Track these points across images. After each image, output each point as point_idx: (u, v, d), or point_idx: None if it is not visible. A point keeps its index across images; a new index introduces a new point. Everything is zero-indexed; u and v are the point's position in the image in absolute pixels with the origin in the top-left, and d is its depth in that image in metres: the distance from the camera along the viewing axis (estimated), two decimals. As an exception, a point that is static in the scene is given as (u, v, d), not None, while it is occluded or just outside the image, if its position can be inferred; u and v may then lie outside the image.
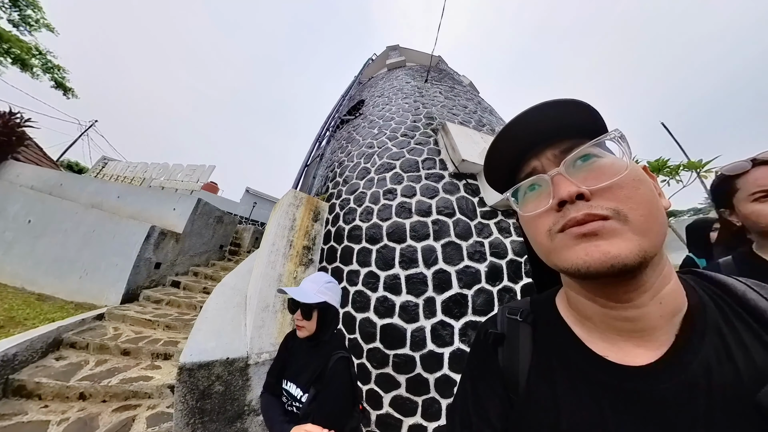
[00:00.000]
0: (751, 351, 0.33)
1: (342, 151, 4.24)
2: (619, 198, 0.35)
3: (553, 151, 0.41)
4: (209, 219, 6.52)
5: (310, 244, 3.00)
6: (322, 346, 1.21)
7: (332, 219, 3.28)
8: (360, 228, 3.01)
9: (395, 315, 2.47)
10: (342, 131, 5.16)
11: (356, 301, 2.65)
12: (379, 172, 3.31)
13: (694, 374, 0.33)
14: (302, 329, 1.19)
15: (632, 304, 0.36)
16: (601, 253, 0.32)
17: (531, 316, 0.50)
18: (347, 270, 2.85)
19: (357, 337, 2.50)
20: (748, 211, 0.89)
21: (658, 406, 0.33)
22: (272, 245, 2.76)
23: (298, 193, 3.12)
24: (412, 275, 2.61)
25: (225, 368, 1.98)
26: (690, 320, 0.36)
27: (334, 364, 1.11)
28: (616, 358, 0.38)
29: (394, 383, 2.28)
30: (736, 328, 0.35)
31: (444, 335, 2.33)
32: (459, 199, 2.99)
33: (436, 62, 6.80)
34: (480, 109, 5.01)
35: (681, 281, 0.39)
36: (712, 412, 0.31)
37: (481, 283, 2.57)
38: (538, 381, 0.43)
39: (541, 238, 0.39)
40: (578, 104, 0.39)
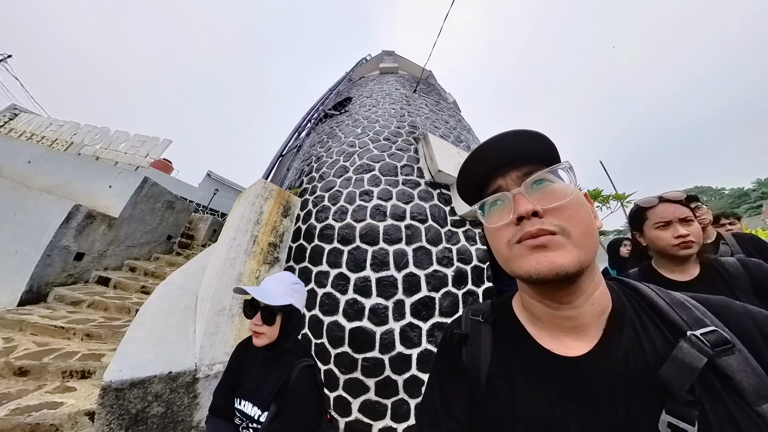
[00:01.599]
0: (654, 339, 0.40)
1: (322, 146, 3.91)
2: (565, 217, 0.40)
3: (516, 173, 0.45)
4: (157, 203, 5.18)
5: (277, 241, 2.65)
6: (282, 355, 1.03)
7: (304, 215, 2.96)
8: (332, 227, 2.76)
9: (365, 318, 2.30)
10: (324, 125, 4.81)
11: (324, 303, 2.40)
12: (358, 172, 3.10)
13: (616, 360, 0.39)
14: (261, 336, 0.99)
15: (571, 306, 0.42)
16: (548, 262, 0.37)
17: (491, 317, 0.53)
18: (316, 271, 2.59)
19: (324, 342, 2.26)
20: (651, 235, 1.10)
21: (591, 388, 0.39)
22: (233, 240, 2.37)
23: (268, 184, 2.74)
24: (383, 278, 2.47)
25: (166, 385, 1.58)
26: (613, 317, 0.43)
27: (299, 374, 0.95)
28: (560, 350, 0.43)
29: (363, 388, 2.10)
30: (644, 323, 0.42)
31: (412, 337, 2.26)
32: (432, 206, 2.94)
33: (427, 76, 6.68)
34: (460, 126, 5.07)
35: (607, 286, 0.45)
36: (629, 388, 0.37)
37: (448, 286, 2.55)
38: (497, 376, 0.46)
39: (502, 248, 0.43)
40: (540, 136, 0.44)
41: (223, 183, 15.15)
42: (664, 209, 1.08)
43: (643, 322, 0.42)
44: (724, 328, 0.37)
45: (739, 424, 0.31)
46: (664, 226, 1.07)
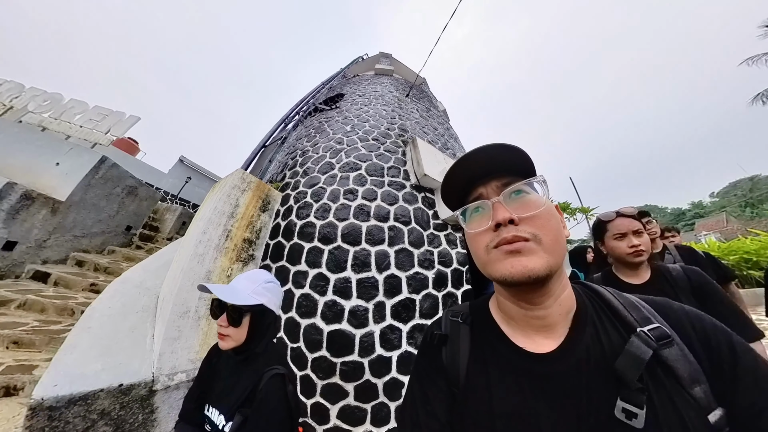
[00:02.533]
0: (611, 336, 0.43)
1: (308, 140, 3.67)
2: (537, 226, 0.42)
3: (496, 182, 0.48)
4: (116, 187, 4.42)
5: (253, 238, 2.42)
6: (253, 360, 0.93)
7: (284, 211, 2.75)
8: (314, 225, 2.60)
9: (344, 320, 2.18)
10: (313, 119, 4.52)
11: (302, 305, 2.24)
12: (344, 170, 2.94)
13: (579, 355, 0.42)
14: (226, 339, 0.90)
15: (542, 306, 0.45)
16: (522, 266, 0.40)
17: (470, 318, 0.55)
18: (294, 270, 2.41)
19: (301, 346, 2.09)
20: (610, 245, 1.26)
21: (558, 381, 0.41)
22: (203, 233, 2.12)
23: (247, 175, 2.50)
24: (364, 279, 2.37)
25: (116, 399, 1.33)
26: (577, 317, 0.46)
27: (267, 383, 0.85)
28: (531, 348, 0.45)
29: (342, 393, 1.98)
30: (603, 321, 0.46)
31: (392, 339, 2.18)
32: (416, 209, 2.88)
33: (420, 82, 6.63)
34: (447, 134, 5.06)
35: (572, 288, 0.49)
36: (590, 379, 0.40)
37: (429, 288, 2.51)
38: (475, 374, 0.48)
39: (480, 252, 0.45)
40: (519, 150, 0.47)
41: (196, 171, 13.23)
42: (621, 223, 1.25)
43: (602, 321, 0.45)
44: (665, 325, 0.42)
45: (677, 405, 0.36)
46: (621, 237, 1.23)
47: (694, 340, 0.40)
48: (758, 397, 0.35)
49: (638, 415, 0.35)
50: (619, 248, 1.22)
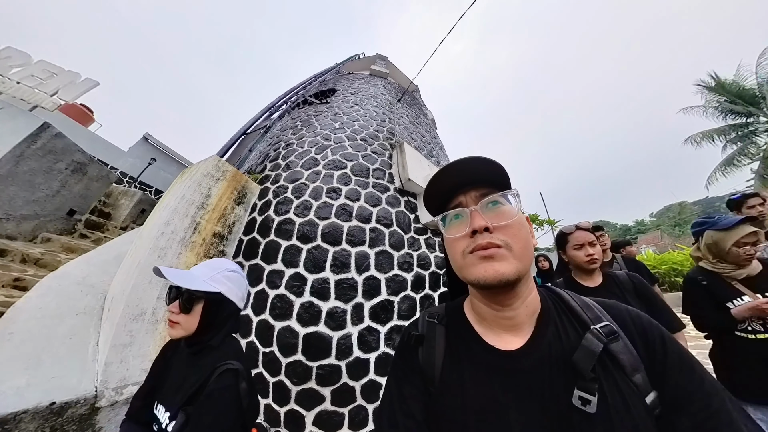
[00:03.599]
0: (569, 333, 0.47)
1: (294, 133, 3.41)
2: (509, 234, 0.46)
3: (475, 192, 0.51)
4: (59, 162, 3.58)
5: (224, 232, 2.17)
6: (206, 354, 0.84)
7: (261, 206, 2.52)
8: (293, 222, 2.42)
9: (321, 322, 2.05)
10: (301, 111, 4.23)
11: (276, 307, 2.06)
12: (329, 167, 2.78)
13: (542, 352, 0.45)
14: (175, 326, 0.82)
15: (510, 307, 0.48)
16: (494, 271, 0.44)
17: (445, 319, 0.57)
18: (269, 269, 2.21)
19: (274, 351, 1.92)
20: (571, 254, 1.42)
21: (524, 375, 0.44)
22: (166, 224, 1.84)
23: (223, 163, 2.23)
24: (343, 280, 2.26)
25: (45, 422, 1.07)
26: (541, 317, 0.49)
27: (217, 380, 0.75)
28: (501, 345, 0.48)
29: (318, 398, 1.85)
30: (563, 320, 0.49)
31: (371, 341, 2.11)
32: (398, 212, 2.83)
33: (413, 89, 6.54)
34: (434, 142, 5.06)
35: (537, 291, 0.52)
36: (552, 372, 0.44)
37: (407, 290, 2.48)
38: (450, 372, 0.49)
39: (457, 257, 0.48)
40: (498, 165, 0.51)
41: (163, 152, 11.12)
42: (579, 235, 1.43)
43: (562, 320, 0.49)
44: (613, 322, 0.47)
45: (622, 391, 0.40)
46: (579, 248, 1.41)
47: (635, 334, 0.46)
48: (681, 378, 0.41)
49: (591, 401, 0.39)
50: (578, 257, 1.40)
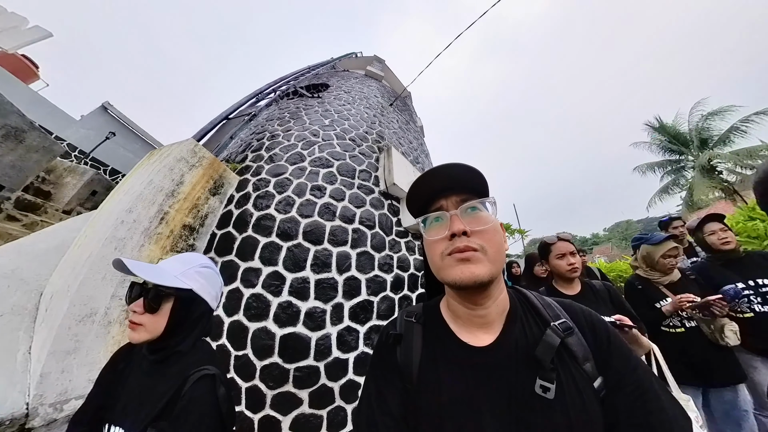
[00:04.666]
0: (533, 329, 0.51)
1: (281, 124, 3.16)
2: (485, 239, 0.48)
3: (456, 197, 0.53)
4: None
5: (196, 224, 1.93)
6: (176, 360, 0.72)
7: (239, 198, 2.31)
8: (273, 218, 2.25)
9: (299, 323, 1.93)
10: (290, 102, 3.96)
11: (252, 307, 1.89)
12: (315, 164, 2.64)
13: (510, 347, 0.49)
14: (137, 328, 0.69)
15: (483, 307, 0.51)
16: (470, 272, 0.46)
17: (423, 318, 0.58)
18: (245, 267, 2.03)
19: (248, 354, 1.74)
20: (554, 263, 1.48)
21: (494, 369, 0.47)
22: (128, 212, 1.59)
23: (200, 148, 1.99)
24: (323, 280, 2.15)
25: None
26: (510, 315, 0.53)
27: (193, 387, 0.65)
28: (473, 342, 0.51)
29: (295, 401, 1.72)
30: (528, 318, 0.53)
31: (350, 341, 2.03)
32: (381, 215, 2.80)
33: (406, 95, 6.54)
34: (421, 149, 5.08)
35: (507, 292, 0.55)
36: (518, 365, 0.47)
37: (386, 291, 2.44)
38: (427, 369, 0.51)
39: (436, 258, 0.50)
40: (479, 173, 0.53)
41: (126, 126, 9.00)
42: (562, 245, 1.49)
43: (527, 318, 0.53)
44: (569, 319, 0.51)
45: (575, 378, 0.45)
46: (561, 257, 1.46)
47: (586, 330, 0.51)
48: (620, 365, 0.47)
49: (550, 389, 0.43)
50: (560, 266, 1.46)
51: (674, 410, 0.42)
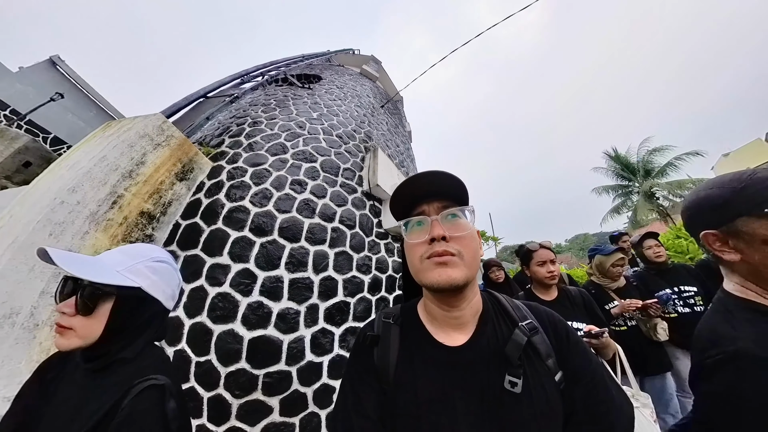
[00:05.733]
0: (503, 329, 0.54)
1: (265, 111, 2.91)
2: (462, 244, 0.50)
3: (437, 203, 0.54)
4: None
5: (156, 212, 1.69)
6: (115, 369, 0.59)
7: (210, 186, 2.08)
8: (247, 211, 2.07)
9: (271, 325, 1.79)
10: (278, 89, 3.68)
11: (217, 307, 1.70)
12: (297, 157, 2.48)
13: (482, 346, 0.51)
14: (66, 333, 0.56)
15: (458, 308, 0.53)
16: (447, 276, 0.47)
17: (400, 319, 0.59)
18: (211, 263, 1.83)
19: (211, 360, 1.56)
20: (534, 269, 1.54)
21: (467, 367, 0.49)
22: (70, 192, 1.34)
23: (168, 125, 1.74)
24: (299, 279, 2.03)
25: None
26: (482, 316, 0.55)
27: (134, 401, 0.53)
28: (448, 342, 0.53)
29: (265, 410, 1.59)
30: (498, 319, 0.56)
31: (324, 343, 1.93)
32: (362, 215, 2.73)
33: (398, 99, 6.50)
34: (407, 153, 5.04)
35: (480, 294, 0.58)
36: (489, 362, 0.49)
37: (364, 292, 2.39)
38: (403, 369, 0.52)
39: (416, 261, 0.51)
40: (461, 182, 0.55)
41: (79, 88, 7.28)
42: (543, 253, 1.54)
43: (498, 319, 0.56)
44: (534, 320, 0.55)
45: (539, 373, 0.48)
46: (542, 264, 1.52)
47: (549, 329, 0.54)
48: (578, 360, 0.51)
49: (517, 383, 0.46)
50: (540, 272, 1.51)
51: (620, 398, 0.49)
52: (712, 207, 0.61)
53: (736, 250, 0.59)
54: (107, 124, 1.72)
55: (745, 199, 0.56)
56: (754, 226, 0.55)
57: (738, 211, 0.57)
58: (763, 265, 0.55)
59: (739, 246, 0.58)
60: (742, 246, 0.58)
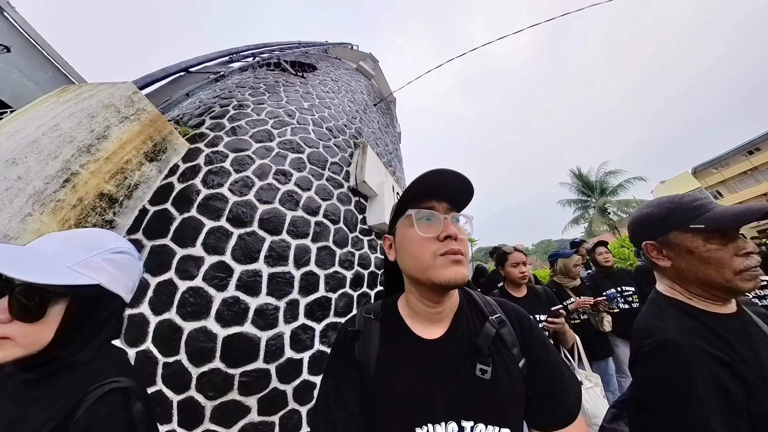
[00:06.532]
0: (475, 323, 0.58)
1: (253, 94, 2.65)
2: (464, 246, 0.53)
3: (447, 204, 0.57)
4: None
5: (119, 195, 1.47)
6: (65, 375, 0.50)
7: (185, 170, 1.87)
8: (225, 200, 1.92)
9: (248, 321, 1.69)
10: (269, 73, 3.41)
11: (188, 303, 1.55)
12: (284, 147, 2.33)
13: (456, 338, 0.55)
14: (4, 344, 0.45)
15: (441, 304, 0.56)
16: (462, 274, 0.50)
17: (381, 314, 0.61)
18: (182, 254, 1.65)
19: (181, 360, 1.42)
20: (508, 270, 1.71)
21: (443, 358, 0.53)
22: (9, 164, 1.13)
23: (140, 97, 1.52)
24: (278, 274, 1.94)
25: None
26: (458, 311, 0.59)
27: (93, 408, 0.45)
28: (426, 335, 0.56)
29: (242, 410, 1.49)
30: (472, 313, 0.60)
31: (304, 339, 1.87)
32: (347, 211, 2.68)
33: (391, 99, 6.51)
34: (395, 154, 5.02)
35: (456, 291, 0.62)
36: (462, 353, 0.53)
37: (345, 288, 2.35)
38: (383, 362, 0.54)
39: (425, 257, 0.51)
40: (472, 192, 0.57)
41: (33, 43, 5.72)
42: (517, 255, 1.71)
43: (472, 313, 0.60)
44: (503, 314, 0.60)
45: (506, 360, 0.53)
46: (515, 266, 1.69)
47: (515, 322, 0.60)
48: (538, 349, 0.57)
49: (487, 371, 0.50)
50: (513, 273, 1.69)
51: (571, 379, 0.56)
52: (651, 222, 0.73)
53: (668, 258, 0.70)
54: (63, 88, 1.45)
55: (675, 217, 0.69)
56: (681, 238, 0.67)
57: (670, 227, 0.69)
58: (687, 269, 0.67)
59: (670, 254, 0.69)
60: (672, 254, 0.69)
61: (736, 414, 0.51)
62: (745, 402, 0.53)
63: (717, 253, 0.63)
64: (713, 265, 0.63)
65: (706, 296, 0.67)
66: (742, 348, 0.58)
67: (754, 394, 0.53)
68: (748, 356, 0.57)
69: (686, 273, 0.67)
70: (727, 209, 0.64)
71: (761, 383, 0.54)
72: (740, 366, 0.55)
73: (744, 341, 0.60)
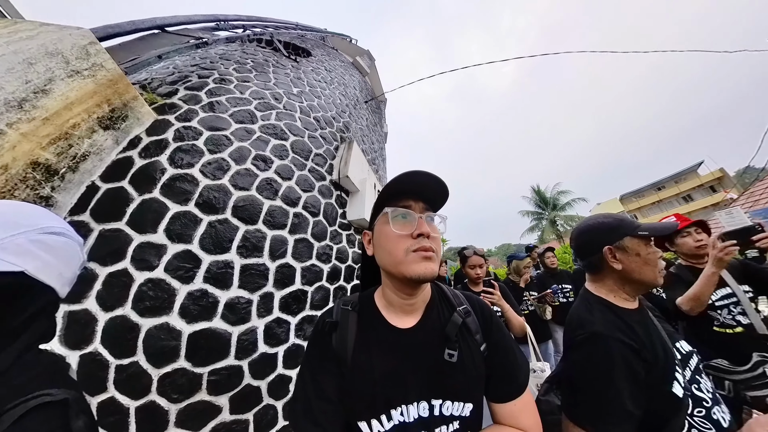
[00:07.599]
0: (444, 313, 0.63)
1: (238, 70, 2.32)
2: (436, 244, 0.56)
3: (422, 203, 0.60)
4: None
5: (60, 166, 1.18)
6: None
7: (149, 144, 1.59)
8: (195, 182, 1.71)
9: (217, 316, 1.54)
10: (259, 49, 3.03)
11: (146, 297, 1.34)
12: (267, 131, 2.13)
13: (427, 328, 0.60)
14: None
15: (414, 297, 0.60)
16: (432, 270, 0.53)
17: (358, 306, 0.64)
18: (141, 241, 1.43)
19: (138, 361, 1.22)
20: (467, 270, 1.96)
21: (415, 346, 0.57)
22: None
23: (99, 49, 1.23)
24: (252, 266, 1.82)
25: None
26: (429, 303, 0.64)
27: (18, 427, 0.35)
28: (400, 325, 0.60)
29: (212, 411, 1.36)
30: (442, 305, 0.65)
31: (279, 333, 1.79)
32: (327, 204, 2.60)
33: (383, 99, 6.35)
34: (380, 152, 4.99)
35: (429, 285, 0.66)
36: (432, 341, 0.58)
37: (322, 281, 2.30)
38: (360, 352, 0.56)
39: (398, 252, 0.55)
40: (448, 193, 0.61)
41: None
42: (476, 259, 1.93)
43: (441, 304, 0.65)
44: (468, 305, 0.66)
45: (470, 345, 0.59)
46: (473, 267, 1.90)
47: (478, 312, 0.65)
48: (497, 335, 0.64)
49: (454, 355, 0.55)
50: (470, 273, 1.93)
51: (522, 360, 0.64)
52: (609, 229, 0.84)
53: (620, 261, 0.81)
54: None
55: (626, 226, 0.82)
56: (632, 243, 0.80)
57: (624, 233, 0.81)
58: (632, 270, 0.79)
59: (622, 258, 0.81)
60: (623, 257, 0.80)
61: (639, 387, 0.66)
62: (644, 377, 0.67)
63: (654, 255, 0.79)
64: (650, 265, 0.78)
65: (629, 295, 0.82)
66: (643, 336, 0.73)
67: (651, 371, 0.69)
68: (647, 342, 0.73)
69: (631, 273, 0.79)
70: (655, 224, 0.86)
71: (654, 362, 0.70)
72: (643, 351, 0.70)
73: (643, 330, 0.75)
